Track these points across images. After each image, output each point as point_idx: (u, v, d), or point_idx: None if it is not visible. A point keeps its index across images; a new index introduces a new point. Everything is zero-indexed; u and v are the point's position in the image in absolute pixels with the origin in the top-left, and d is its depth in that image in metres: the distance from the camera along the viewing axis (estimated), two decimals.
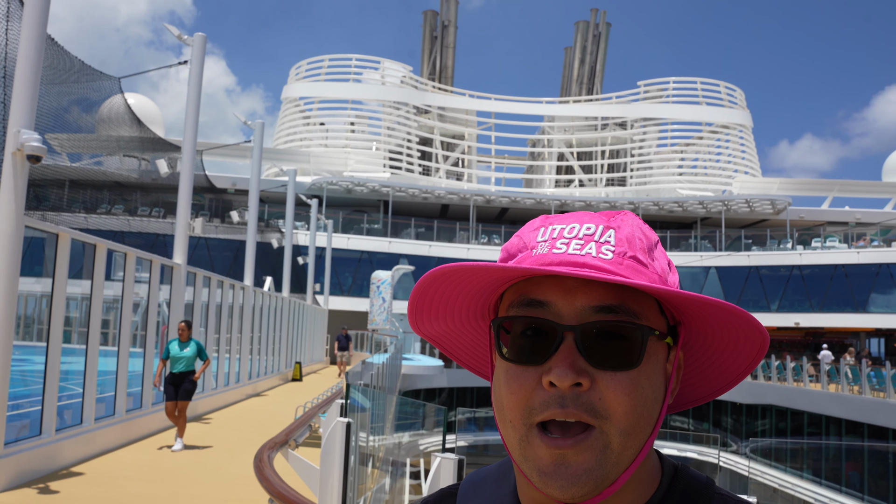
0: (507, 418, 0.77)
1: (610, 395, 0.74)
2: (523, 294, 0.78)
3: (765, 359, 30.33)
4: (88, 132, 17.27)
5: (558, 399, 0.73)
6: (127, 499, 7.04)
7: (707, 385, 0.88)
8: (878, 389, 23.01)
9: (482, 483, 0.88)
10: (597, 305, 0.75)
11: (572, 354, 0.74)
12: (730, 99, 58.60)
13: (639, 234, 0.79)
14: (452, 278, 0.79)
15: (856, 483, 20.93)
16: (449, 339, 0.90)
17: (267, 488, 3.36)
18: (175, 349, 10.05)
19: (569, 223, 0.80)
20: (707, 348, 0.84)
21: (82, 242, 9.16)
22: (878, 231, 43.93)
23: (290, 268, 27.33)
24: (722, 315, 0.77)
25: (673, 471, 0.84)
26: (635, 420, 0.74)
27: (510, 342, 0.78)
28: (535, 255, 0.78)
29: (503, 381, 0.77)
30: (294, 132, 55.90)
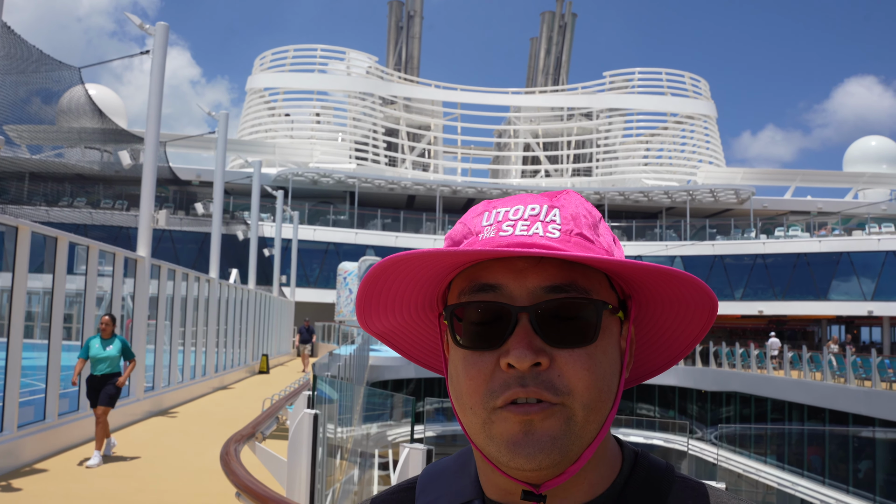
0: (466, 405, 0.76)
1: (569, 371, 0.74)
2: (474, 280, 0.78)
3: (729, 347, 30.78)
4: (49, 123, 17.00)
5: (518, 379, 0.73)
6: (92, 495, 6.95)
7: (661, 355, 0.89)
8: (839, 376, 23.43)
9: (441, 475, 0.88)
10: (548, 285, 0.76)
11: (529, 335, 0.74)
12: (694, 90, 59.17)
13: (583, 211, 0.79)
14: (400, 268, 0.78)
15: (817, 467, 21.33)
16: (398, 335, 0.89)
17: (234, 482, 3.33)
18: (96, 347, 8.65)
19: (512, 205, 0.79)
20: (658, 319, 0.84)
21: (43, 235, 9.00)
22: (840, 220, 44.70)
23: (256, 260, 27.15)
24: (671, 283, 0.78)
25: (633, 456, 0.84)
26: (596, 395, 0.75)
27: (464, 329, 0.78)
28: (482, 240, 0.78)
29: (461, 369, 0.77)
30: (259, 123, 55.43)
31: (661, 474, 0.82)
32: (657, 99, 58.22)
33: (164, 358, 13.78)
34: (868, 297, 37.22)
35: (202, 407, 14.36)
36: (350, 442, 10.65)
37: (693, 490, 0.81)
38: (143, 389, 12.34)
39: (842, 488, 19.74)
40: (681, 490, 0.81)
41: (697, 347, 33.27)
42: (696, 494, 0.81)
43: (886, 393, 20.92)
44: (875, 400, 21.02)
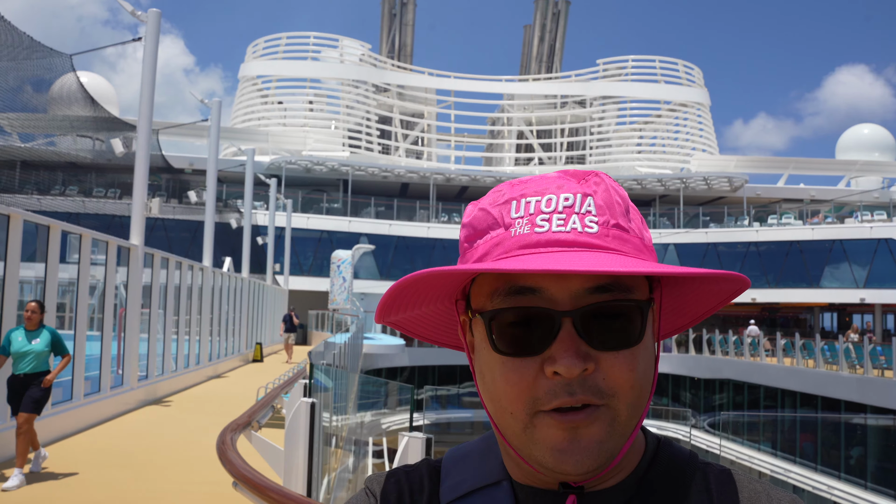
0: (506, 410, 0.74)
1: (615, 374, 0.72)
2: (510, 281, 0.74)
3: (722, 334, 30.90)
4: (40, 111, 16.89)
5: (565, 387, 0.71)
6: (86, 485, 6.94)
7: (675, 322, 0.87)
8: (832, 363, 23.55)
9: (466, 457, 0.86)
10: (591, 287, 0.72)
11: (574, 340, 0.71)
12: (688, 77, 59.12)
13: (616, 197, 0.77)
14: (429, 281, 0.75)
15: (809, 454, 21.46)
16: (411, 321, 0.86)
17: (230, 471, 3.32)
18: (19, 341, 7.09)
19: (544, 194, 0.76)
20: (681, 296, 0.83)
21: (35, 224, 8.95)
22: (832, 208, 44.83)
23: (250, 248, 27.12)
24: (712, 279, 0.76)
25: (656, 443, 0.84)
26: (639, 392, 0.74)
27: (499, 333, 0.74)
28: (515, 236, 0.74)
29: (499, 374, 0.74)
30: (252, 111, 55.21)
31: (685, 461, 0.82)
32: (651, 87, 58.18)
33: (157, 347, 13.75)
34: (860, 285, 37.38)
35: (196, 395, 14.35)
36: (345, 430, 10.66)
37: (715, 475, 0.81)
38: (136, 378, 12.32)
39: (833, 475, 19.88)
40: (703, 478, 0.80)
41: (691, 335, 33.39)
42: (718, 480, 0.80)
43: (878, 380, 21.03)
44: (867, 387, 21.14)
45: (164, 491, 6.79)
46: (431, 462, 0.89)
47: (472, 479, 0.83)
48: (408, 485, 0.85)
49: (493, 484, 0.81)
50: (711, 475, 0.81)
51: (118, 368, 12.10)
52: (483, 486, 0.81)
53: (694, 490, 0.79)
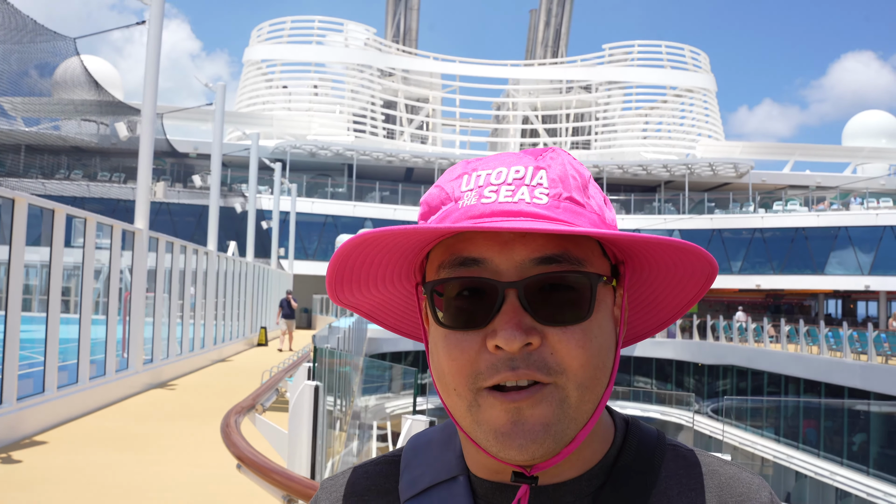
0: (450, 386, 0.71)
1: (562, 350, 0.69)
2: (455, 253, 0.72)
3: (726, 320, 30.90)
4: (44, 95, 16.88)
5: (507, 361, 0.68)
6: (92, 467, 6.98)
7: (653, 318, 0.85)
8: (836, 349, 23.55)
9: (426, 447, 0.84)
10: (538, 257, 0.70)
11: (517, 313, 0.69)
12: (694, 63, 58.84)
13: (571, 171, 0.74)
14: (374, 245, 0.72)
15: (812, 440, 21.50)
16: (373, 305, 0.84)
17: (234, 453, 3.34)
18: None
19: (494, 167, 0.73)
20: (653, 282, 0.80)
21: (40, 208, 8.97)
22: (838, 194, 44.68)
23: (254, 232, 27.14)
24: (670, 251, 0.74)
25: (625, 425, 0.82)
26: (591, 373, 0.70)
27: (445, 305, 0.72)
28: (462, 208, 0.72)
29: (441, 348, 0.72)
30: (257, 95, 55.13)
31: (653, 444, 0.80)
32: (657, 72, 57.93)
33: (162, 331, 13.79)
34: (865, 272, 37.30)
35: (201, 379, 14.41)
36: (349, 414, 10.70)
37: (685, 459, 0.79)
38: (141, 362, 12.37)
39: (836, 461, 19.92)
40: (672, 460, 0.79)
41: (695, 321, 33.39)
42: (688, 463, 0.79)
43: (882, 367, 21.04)
44: (871, 374, 21.14)
45: (169, 473, 6.84)
46: (389, 456, 0.87)
47: (430, 473, 0.81)
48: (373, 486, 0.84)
49: (450, 479, 0.79)
50: (680, 457, 0.80)
51: (123, 352, 12.14)
52: (441, 482, 0.79)
53: (664, 475, 0.78)
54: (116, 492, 6.14)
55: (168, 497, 6.09)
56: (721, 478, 0.78)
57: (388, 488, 0.82)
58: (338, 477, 0.86)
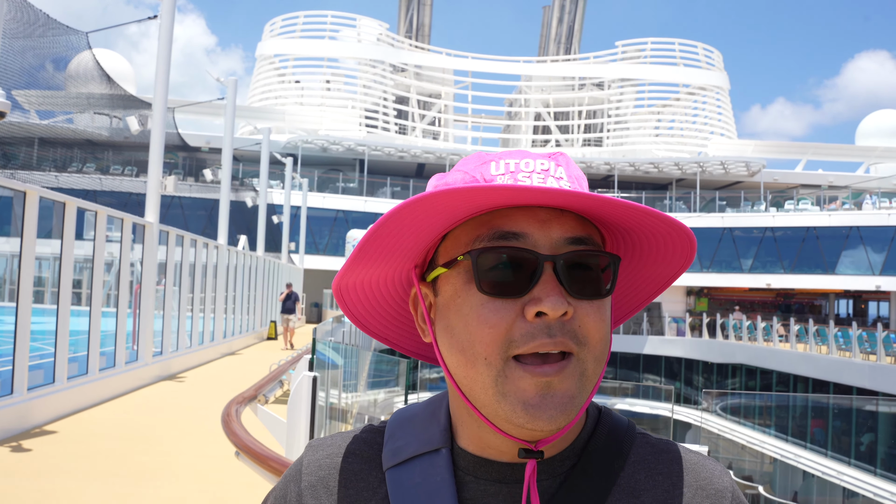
0: (480, 356, 0.74)
1: (589, 323, 0.75)
2: (494, 227, 0.77)
3: (741, 319, 30.83)
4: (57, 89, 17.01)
5: (545, 329, 0.73)
6: (100, 456, 7.09)
7: (634, 298, 0.91)
8: (845, 349, 23.50)
9: (410, 421, 0.88)
10: (571, 237, 0.76)
11: (557, 284, 0.74)
12: (707, 61, 58.55)
13: (580, 173, 0.82)
14: (419, 208, 0.74)
15: (820, 439, 21.46)
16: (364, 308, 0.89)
17: (233, 441, 3.41)
18: None
19: (521, 158, 0.80)
20: (637, 266, 0.86)
21: (51, 201, 9.07)
22: (850, 194, 44.43)
23: (265, 227, 27.24)
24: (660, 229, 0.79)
25: (597, 412, 0.87)
26: (604, 347, 0.77)
27: (480, 276, 0.76)
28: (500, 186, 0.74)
29: (475, 317, 0.75)
30: (269, 90, 55.23)
31: (623, 430, 0.85)
32: (670, 69, 57.66)
33: (172, 323, 13.91)
34: (876, 272, 37.10)
35: (210, 372, 14.52)
36: (355, 407, 10.77)
37: (653, 446, 0.85)
38: (151, 354, 12.48)
39: (843, 461, 19.88)
40: (641, 446, 0.84)
41: (705, 319, 33.32)
42: (656, 450, 0.84)
43: (891, 367, 20.99)
44: (879, 374, 21.10)
45: (175, 463, 6.94)
46: (376, 426, 0.91)
47: (414, 443, 0.84)
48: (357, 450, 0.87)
49: (433, 451, 0.83)
50: (648, 444, 0.85)
51: (133, 344, 12.26)
52: (424, 453, 0.83)
53: (632, 460, 0.83)
54: (124, 480, 6.24)
55: (173, 485, 6.19)
56: (686, 463, 0.83)
57: (371, 455, 0.86)
58: (325, 439, 0.90)
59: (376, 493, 0.83)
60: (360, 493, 0.84)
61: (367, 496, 0.83)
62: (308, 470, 0.87)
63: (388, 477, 0.83)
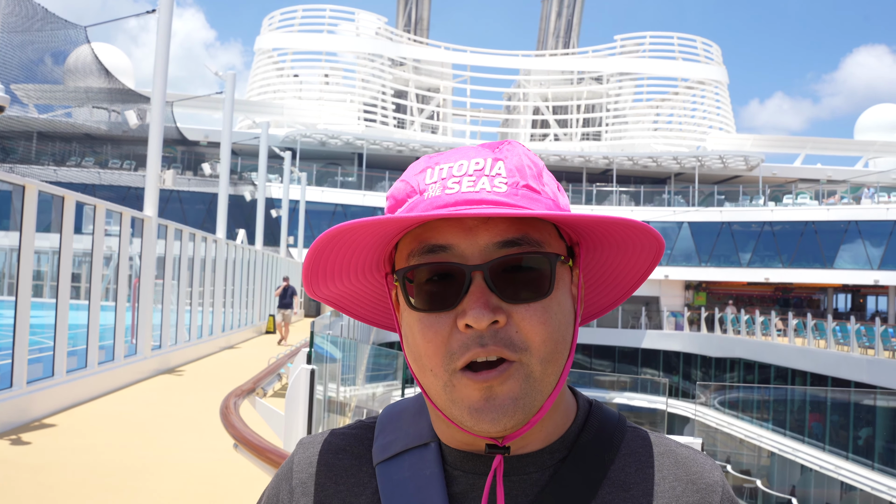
0: (426, 367, 0.77)
1: (526, 326, 0.75)
2: (423, 241, 0.77)
3: (735, 313, 30.88)
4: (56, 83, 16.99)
5: (477, 339, 0.74)
6: (98, 449, 7.11)
7: (609, 294, 0.91)
8: (843, 343, 23.54)
9: (400, 416, 0.89)
10: (500, 241, 0.76)
11: (484, 294, 0.74)
12: (706, 55, 58.49)
13: (527, 161, 0.80)
14: (347, 237, 0.77)
15: (818, 433, 21.52)
16: (346, 298, 0.89)
17: (231, 433, 3.43)
18: None
19: (456, 160, 0.79)
20: (606, 260, 0.86)
21: (50, 195, 9.08)
22: (849, 189, 44.44)
23: (264, 220, 27.24)
24: (619, 230, 0.79)
25: (588, 406, 0.88)
26: (553, 347, 0.76)
27: (416, 291, 0.77)
28: (427, 199, 0.77)
29: (417, 331, 0.77)
30: (267, 84, 55.15)
31: (614, 424, 0.86)
32: (668, 63, 57.59)
33: (171, 317, 13.92)
34: (875, 266, 37.12)
35: (208, 366, 14.54)
36: (354, 400, 10.78)
37: (643, 439, 0.85)
38: (150, 348, 12.50)
39: (841, 455, 19.94)
40: (632, 440, 0.85)
41: (703, 313, 33.36)
42: (646, 444, 0.85)
43: (889, 361, 21.03)
44: (877, 368, 21.15)
45: (173, 456, 6.96)
46: (366, 422, 0.92)
47: (403, 438, 0.86)
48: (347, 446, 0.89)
49: (422, 445, 0.84)
50: (639, 438, 0.85)
51: (132, 338, 12.28)
52: (413, 447, 0.84)
53: (623, 453, 0.83)
54: (123, 473, 6.26)
55: (171, 478, 6.21)
56: (677, 457, 0.84)
57: (362, 451, 0.87)
58: (315, 437, 0.91)
59: (366, 489, 0.84)
60: (351, 488, 0.85)
61: (358, 492, 0.84)
62: (299, 468, 0.88)
63: (378, 472, 0.84)
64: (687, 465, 0.84)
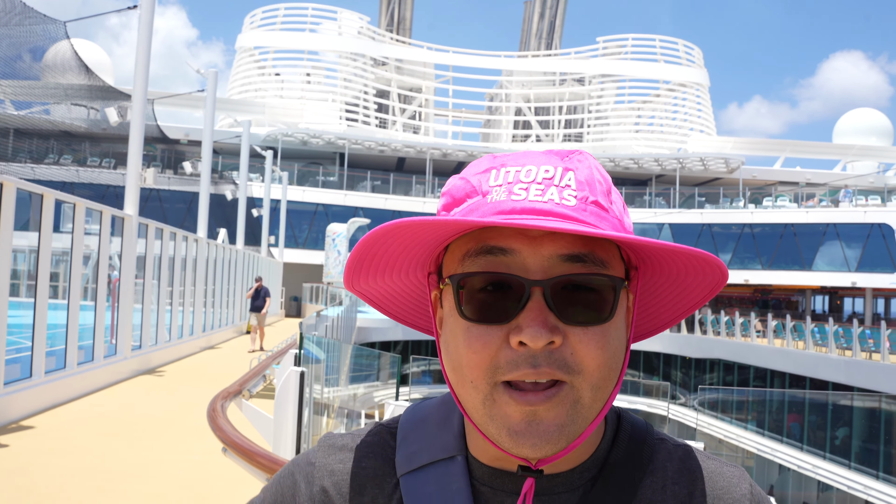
0: (467, 379, 0.72)
1: (582, 350, 0.70)
2: (482, 241, 0.72)
3: (714, 314, 31.09)
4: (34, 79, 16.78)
5: (529, 359, 0.69)
6: (79, 451, 7.01)
7: (657, 320, 0.86)
8: (821, 345, 23.75)
9: (423, 423, 0.85)
10: (565, 254, 0.71)
11: (543, 311, 0.70)
12: (688, 57, 58.85)
13: (598, 175, 0.75)
14: (400, 234, 0.72)
15: (796, 434, 21.67)
16: (384, 296, 0.85)
17: (220, 437, 3.37)
18: None
19: (524, 165, 0.74)
20: (661, 288, 0.82)
21: (29, 192, 8.95)
22: (827, 191, 44.87)
23: (245, 220, 27.09)
24: (685, 258, 0.75)
25: (616, 418, 0.84)
26: (606, 373, 0.72)
27: (467, 298, 0.73)
28: (490, 203, 0.72)
29: (462, 341, 0.72)
30: (249, 82, 54.87)
31: (643, 437, 0.83)
32: (650, 66, 57.91)
33: (151, 317, 13.79)
34: (852, 269, 37.51)
35: (189, 366, 14.42)
36: (337, 402, 10.74)
37: (671, 453, 0.82)
38: (130, 348, 12.37)
39: (819, 454, 20.09)
40: (660, 454, 0.82)
41: None
42: (675, 458, 0.82)
43: (866, 362, 21.25)
44: (855, 369, 21.36)
45: (156, 458, 6.87)
46: (386, 425, 0.87)
47: (428, 450, 0.82)
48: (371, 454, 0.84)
49: (448, 458, 0.80)
50: (667, 451, 0.82)
51: (111, 338, 12.14)
52: (439, 460, 0.81)
53: (651, 470, 0.80)
54: (104, 476, 6.17)
55: (155, 481, 6.13)
56: (705, 472, 0.81)
57: (385, 459, 0.83)
58: (337, 439, 0.86)
59: (391, 500, 0.81)
60: (375, 499, 0.81)
61: (382, 503, 0.81)
62: (320, 473, 0.83)
63: (403, 483, 0.80)
64: (714, 479, 0.81)
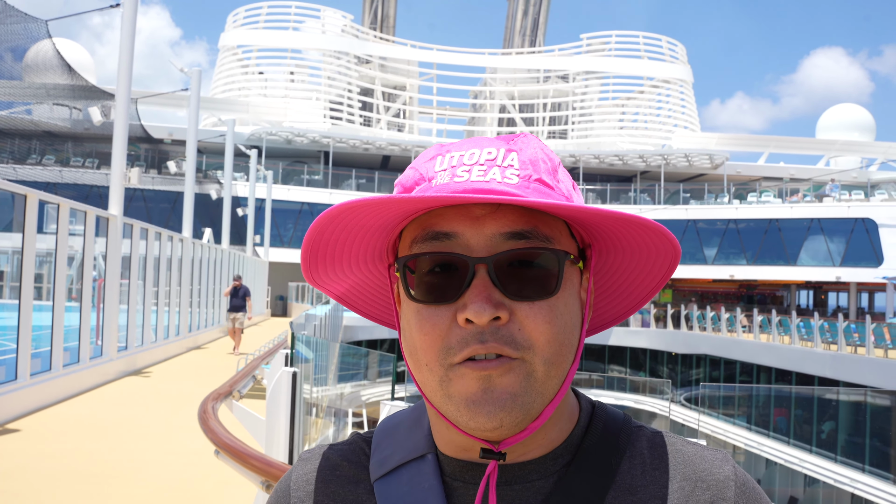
0: (422, 362, 0.73)
1: (530, 325, 0.71)
2: (427, 227, 0.74)
3: (700, 310, 31.22)
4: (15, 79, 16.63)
5: (477, 335, 0.70)
6: (66, 455, 6.94)
7: (620, 304, 0.87)
8: (807, 339, 23.90)
9: (396, 429, 0.86)
10: (508, 232, 0.72)
11: (487, 288, 0.71)
12: (671, 54, 59.05)
13: (542, 155, 0.76)
14: (348, 218, 0.73)
15: (783, 428, 21.80)
16: (346, 289, 0.86)
17: (212, 439, 3.33)
18: None
19: (467, 149, 0.76)
20: (618, 268, 0.83)
21: (12, 193, 8.85)
22: (811, 187, 45.14)
23: (230, 219, 26.96)
24: (633, 230, 0.76)
25: (591, 408, 0.84)
26: (557, 349, 0.73)
27: (417, 281, 0.74)
28: (435, 186, 0.74)
29: (414, 324, 0.74)
30: (232, 81, 54.61)
31: (619, 425, 0.82)
32: (634, 62, 58.07)
33: (137, 318, 13.70)
34: (836, 263, 37.76)
35: (176, 366, 14.34)
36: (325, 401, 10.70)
37: (649, 439, 0.81)
38: (116, 349, 12.28)
39: (805, 448, 20.22)
40: (637, 441, 0.81)
41: (669, 310, 33.67)
42: (652, 444, 0.81)
43: (851, 356, 21.41)
44: (840, 363, 21.52)
45: (145, 460, 6.81)
46: (363, 435, 0.89)
47: (399, 452, 0.83)
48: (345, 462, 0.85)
49: (419, 457, 0.81)
50: (644, 438, 0.81)
51: (97, 339, 12.05)
52: (410, 460, 0.81)
53: (628, 455, 0.79)
54: (91, 479, 6.11)
55: (144, 484, 6.08)
56: (685, 456, 0.80)
57: (359, 467, 0.84)
58: (314, 451, 0.88)
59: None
60: (338, 495, 0.83)
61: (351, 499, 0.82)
62: (296, 485, 0.85)
63: (377, 489, 0.81)
64: (694, 462, 0.79)
